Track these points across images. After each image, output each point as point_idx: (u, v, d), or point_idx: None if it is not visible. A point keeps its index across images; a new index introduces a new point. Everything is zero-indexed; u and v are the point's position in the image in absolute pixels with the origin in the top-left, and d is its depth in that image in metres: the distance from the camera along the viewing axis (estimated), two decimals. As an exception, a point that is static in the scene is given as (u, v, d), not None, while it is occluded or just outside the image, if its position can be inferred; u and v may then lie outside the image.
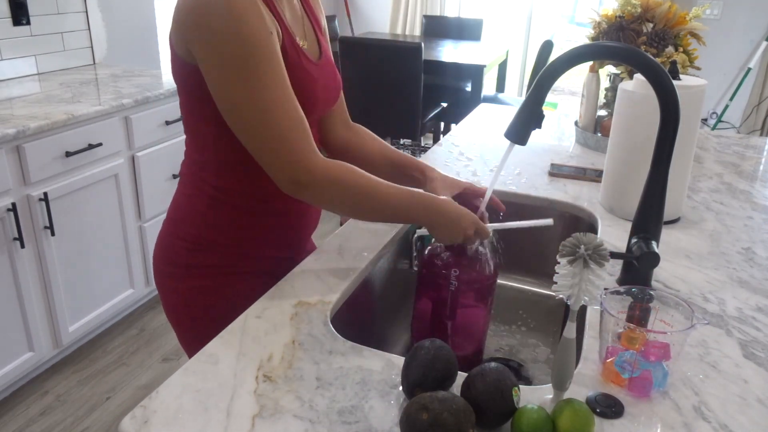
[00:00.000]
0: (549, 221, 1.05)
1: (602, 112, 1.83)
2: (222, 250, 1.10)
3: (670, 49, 1.63)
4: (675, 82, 1.18)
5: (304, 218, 1.17)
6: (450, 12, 5.32)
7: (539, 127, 1.00)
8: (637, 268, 1.00)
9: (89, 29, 2.89)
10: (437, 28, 4.95)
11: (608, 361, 0.82)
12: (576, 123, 1.90)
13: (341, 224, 1.95)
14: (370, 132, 1.29)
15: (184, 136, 1.10)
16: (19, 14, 2.54)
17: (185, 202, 1.11)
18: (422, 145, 3.72)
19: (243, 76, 0.91)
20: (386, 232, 1.22)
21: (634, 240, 1.02)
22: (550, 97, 2.23)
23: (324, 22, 1.17)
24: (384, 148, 1.25)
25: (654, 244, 0.99)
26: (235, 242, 1.11)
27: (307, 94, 1.01)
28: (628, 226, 1.19)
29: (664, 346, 0.78)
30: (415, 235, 1.31)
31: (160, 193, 2.60)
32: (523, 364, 1.19)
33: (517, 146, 1.02)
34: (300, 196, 0.97)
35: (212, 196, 1.08)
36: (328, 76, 1.11)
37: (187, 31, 0.92)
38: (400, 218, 1.05)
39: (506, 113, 2.22)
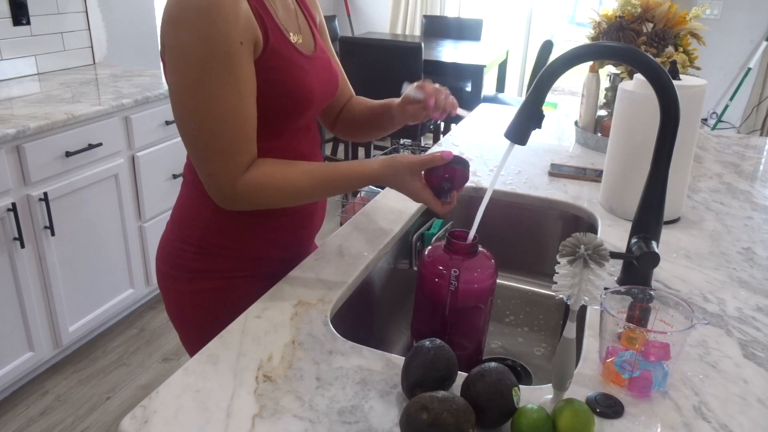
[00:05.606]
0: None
1: (602, 112, 1.83)
2: (228, 254, 1.10)
3: (670, 49, 1.63)
4: (675, 82, 1.18)
5: (311, 218, 1.17)
6: (450, 12, 5.32)
7: (539, 127, 1.00)
8: (637, 268, 1.00)
9: (89, 29, 2.89)
10: (437, 28, 4.95)
11: (608, 361, 0.82)
12: (576, 123, 1.90)
13: (341, 224, 1.95)
14: (360, 98, 1.33)
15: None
16: (19, 14, 2.54)
17: (190, 205, 1.10)
18: (422, 145, 3.72)
19: (190, 88, 0.90)
20: (386, 232, 1.22)
21: (634, 240, 1.02)
22: (550, 97, 2.22)
23: (318, 17, 1.18)
24: (363, 103, 1.30)
25: (654, 244, 0.99)
26: (241, 246, 1.10)
27: (301, 89, 1.02)
28: (628, 226, 1.19)
29: (664, 346, 0.78)
30: (415, 235, 1.31)
31: (160, 193, 2.60)
32: (523, 364, 1.19)
33: (517, 146, 1.02)
34: (228, 208, 0.99)
35: None
36: (323, 69, 1.11)
37: (163, 36, 0.92)
38: (329, 194, 1.03)
39: (506, 113, 2.22)
